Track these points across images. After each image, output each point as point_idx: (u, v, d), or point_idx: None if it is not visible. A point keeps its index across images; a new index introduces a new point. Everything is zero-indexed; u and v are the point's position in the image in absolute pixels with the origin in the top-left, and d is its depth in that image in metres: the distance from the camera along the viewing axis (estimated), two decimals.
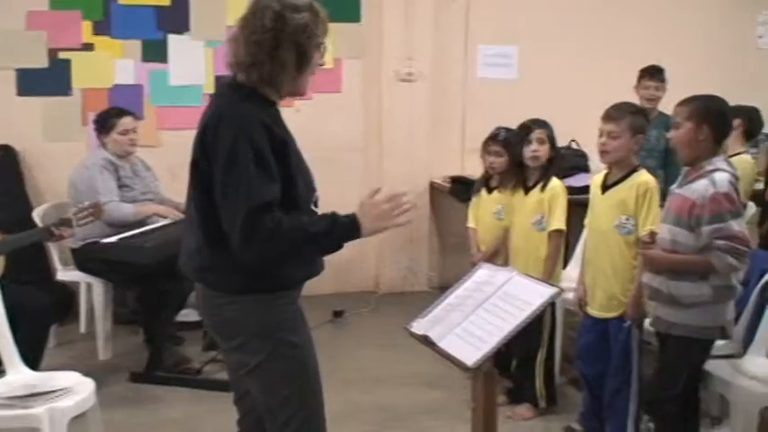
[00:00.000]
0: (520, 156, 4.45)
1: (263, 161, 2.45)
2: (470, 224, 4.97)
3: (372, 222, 2.59)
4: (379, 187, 2.71)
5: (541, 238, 4.40)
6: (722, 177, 3.37)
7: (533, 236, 4.41)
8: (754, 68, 7.24)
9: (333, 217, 2.56)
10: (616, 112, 3.87)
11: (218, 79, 6.29)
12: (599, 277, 3.98)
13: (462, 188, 6.06)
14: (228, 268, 2.56)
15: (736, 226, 3.33)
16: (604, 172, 4.04)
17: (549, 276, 4.30)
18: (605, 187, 3.96)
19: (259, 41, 2.53)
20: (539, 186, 4.42)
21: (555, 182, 4.44)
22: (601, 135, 3.87)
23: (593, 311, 4.04)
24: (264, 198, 2.43)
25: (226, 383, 3.34)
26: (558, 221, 4.34)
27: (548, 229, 4.38)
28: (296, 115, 2.74)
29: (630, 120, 3.84)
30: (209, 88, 6.30)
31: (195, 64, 6.39)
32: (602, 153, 3.89)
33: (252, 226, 2.42)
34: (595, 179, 4.10)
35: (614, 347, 3.97)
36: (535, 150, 4.39)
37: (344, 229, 2.55)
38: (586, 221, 4.14)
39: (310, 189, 2.69)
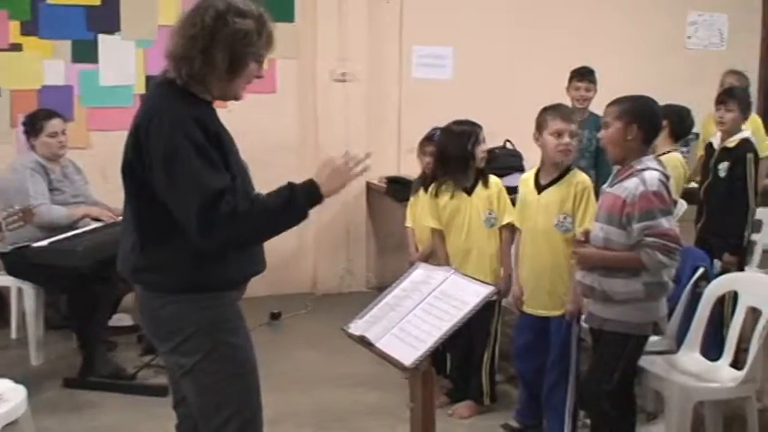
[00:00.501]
0: (471, 157, 4.40)
1: (204, 152, 2.42)
2: (408, 224, 4.98)
3: (330, 181, 2.61)
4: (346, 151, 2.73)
5: (492, 234, 4.41)
6: (652, 176, 3.42)
7: (483, 233, 4.41)
8: (684, 68, 7.39)
9: (289, 186, 2.55)
10: (572, 114, 3.97)
11: (149, 80, 6.20)
12: (540, 276, 4.02)
13: (399, 188, 6.07)
14: (165, 268, 2.52)
15: (667, 223, 3.39)
16: (532, 171, 4.11)
17: (509, 269, 4.33)
18: (540, 187, 4.01)
19: (195, 36, 2.49)
20: (480, 184, 4.42)
21: (493, 177, 4.49)
22: (561, 135, 3.91)
23: (532, 310, 4.08)
24: (215, 186, 2.39)
25: (161, 388, 3.33)
26: (510, 214, 4.36)
27: (499, 224, 4.39)
28: (229, 116, 2.69)
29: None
30: (141, 89, 6.21)
31: (126, 64, 6.29)
32: (566, 152, 3.94)
33: (207, 216, 2.38)
34: (525, 179, 4.15)
35: (554, 345, 4.02)
36: (483, 150, 4.42)
37: (304, 193, 2.55)
38: (517, 221, 4.18)
39: (249, 187, 2.66)
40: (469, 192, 4.42)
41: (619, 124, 3.49)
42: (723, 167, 4.77)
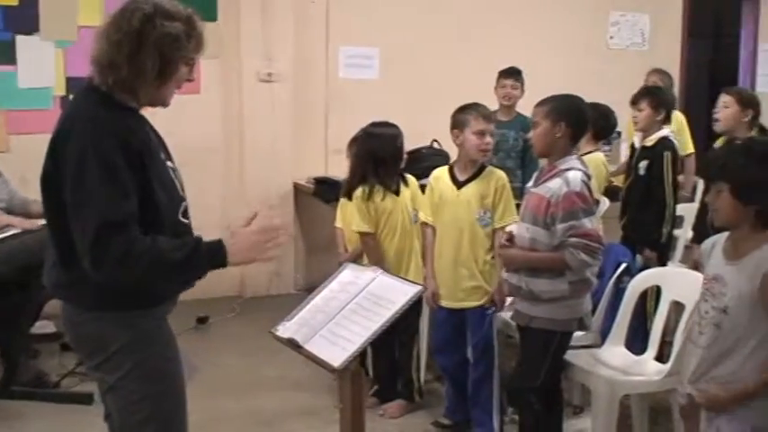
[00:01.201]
0: (401, 157, 4.44)
1: (113, 175, 2.28)
2: (338, 224, 4.97)
3: (241, 253, 2.47)
4: (256, 212, 2.61)
5: (417, 232, 4.43)
6: (575, 176, 3.47)
7: (414, 231, 4.43)
8: (606, 68, 7.52)
9: (196, 244, 2.41)
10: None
11: (69, 82, 6.05)
12: (459, 270, 4.07)
13: (326, 189, 6.05)
14: (86, 284, 2.38)
15: (589, 224, 3.46)
16: (444, 168, 4.17)
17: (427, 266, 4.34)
18: (459, 183, 4.06)
19: (120, 41, 2.35)
20: (402, 184, 4.46)
21: (410, 177, 4.55)
22: (483, 135, 4.00)
23: (450, 303, 4.11)
24: (114, 217, 2.27)
25: (86, 396, 3.25)
26: (425, 214, 4.37)
27: (419, 221, 4.40)
28: (152, 118, 2.63)
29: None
30: (60, 90, 6.06)
31: (45, 66, 6.13)
32: (486, 152, 4.06)
33: (102, 249, 2.26)
34: (438, 176, 4.19)
35: (475, 337, 4.06)
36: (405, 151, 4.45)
37: (208, 257, 2.41)
38: (428, 218, 4.20)
39: (177, 200, 2.52)
40: (397, 192, 4.44)
41: (547, 123, 3.54)
42: (643, 166, 4.87)
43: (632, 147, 5.16)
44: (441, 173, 4.20)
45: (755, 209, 2.59)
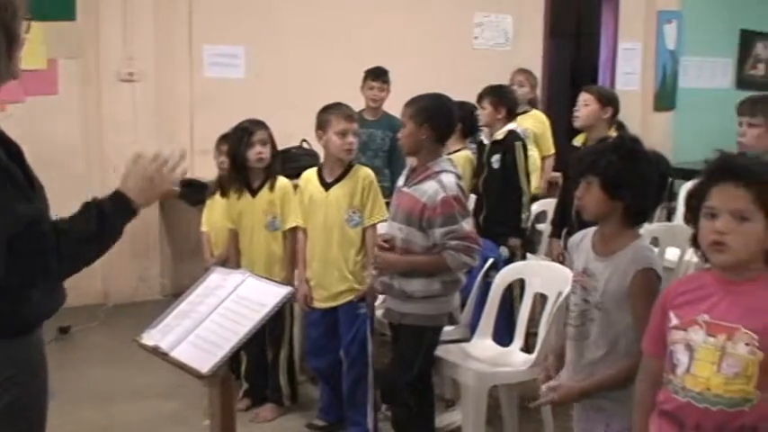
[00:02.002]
0: (243, 158, 4.35)
1: (9, 175, 2.07)
2: (204, 228, 4.88)
3: (142, 190, 2.31)
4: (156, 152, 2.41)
5: (275, 238, 4.38)
6: (450, 180, 3.52)
7: (267, 237, 4.38)
8: (472, 68, 7.63)
9: (96, 205, 2.22)
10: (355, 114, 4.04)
11: None
12: (330, 270, 4.04)
13: (193, 191, 5.91)
14: None
15: (467, 226, 3.51)
16: (314, 170, 4.16)
17: (291, 274, 4.32)
18: (327, 184, 4.04)
19: None
20: (266, 187, 4.38)
21: (282, 180, 4.44)
22: (345, 135, 3.98)
23: (322, 304, 4.10)
24: (27, 215, 2.06)
25: None
26: (294, 219, 4.35)
27: (283, 228, 4.36)
28: (7, 121, 2.46)
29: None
30: None
31: None
32: (350, 151, 4.01)
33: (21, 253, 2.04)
34: (308, 178, 4.18)
35: (349, 338, 4.05)
36: (260, 152, 4.33)
37: (114, 210, 2.24)
38: (299, 221, 4.18)
39: (45, 203, 2.28)
40: (254, 194, 4.38)
41: (412, 124, 3.56)
42: (496, 159, 5.00)
43: (481, 143, 5.27)
44: (310, 175, 4.17)
45: (623, 204, 2.65)
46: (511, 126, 5.09)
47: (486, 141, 5.16)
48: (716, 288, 2.14)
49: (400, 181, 3.76)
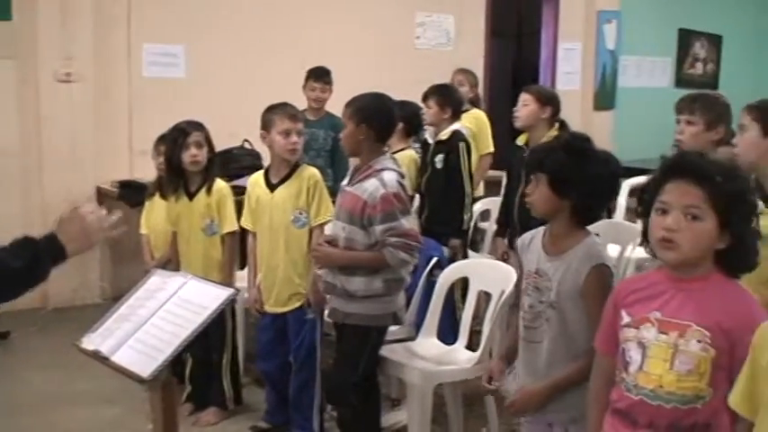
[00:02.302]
0: (178, 160, 4.29)
1: None
2: (143, 230, 4.81)
3: (76, 240, 2.31)
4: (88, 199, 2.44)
5: (212, 243, 4.32)
6: (391, 177, 3.51)
7: (205, 241, 4.32)
8: (414, 68, 7.65)
9: (31, 244, 2.23)
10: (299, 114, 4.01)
11: None
12: (277, 273, 4.01)
13: (132, 192, 5.84)
14: None
15: (407, 223, 3.52)
16: (261, 172, 4.13)
17: (230, 279, 4.28)
18: (272, 185, 4.00)
19: None
20: (203, 190, 4.32)
21: (220, 183, 4.37)
22: (289, 135, 3.94)
23: (272, 308, 4.06)
24: None
25: None
26: (231, 223, 4.30)
27: (221, 232, 4.31)
28: None
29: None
30: None
31: None
32: (294, 151, 3.98)
33: None
34: (254, 181, 4.14)
35: (297, 342, 4.02)
36: (194, 155, 4.26)
37: (47, 254, 2.24)
38: (248, 223, 4.14)
39: None
40: (192, 197, 4.33)
41: (351, 125, 3.56)
42: (439, 159, 5.03)
43: (425, 142, 5.28)
44: (257, 177, 4.14)
45: (571, 203, 2.66)
46: (456, 126, 5.11)
47: (430, 141, 5.17)
48: (667, 286, 2.15)
49: (344, 181, 3.74)
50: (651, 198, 2.15)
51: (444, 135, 5.05)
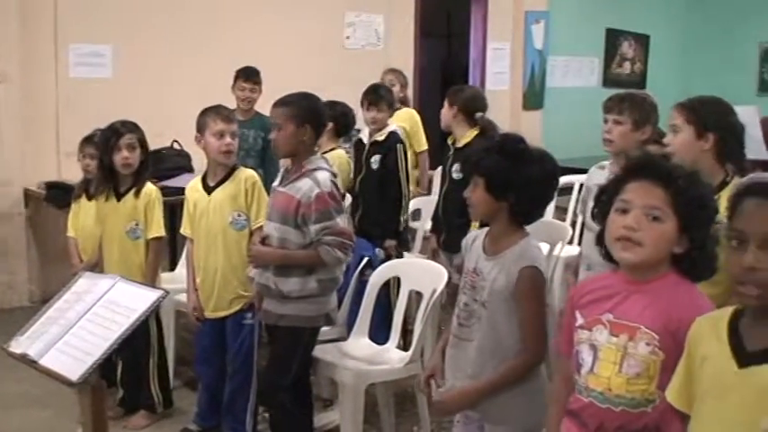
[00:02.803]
0: (110, 160, 4.24)
1: None
2: (70, 233, 4.73)
3: None
4: None
5: (135, 247, 4.27)
6: (324, 177, 3.53)
7: (126, 244, 4.28)
8: (344, 67, 7.68)
9: None
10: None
11: None
12: (218, 278, 3.98)
13: (59, 194, 5.75)
14: None
15: (342, 222, 3.53)
16: (198, 177, 4.09)
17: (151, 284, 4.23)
18: (209, 188, 3.99)
19: None
20: (132, 193, 4.27)
21: (150, 187, 4.32)
22: (223, 136, 3.91)
23: (211, 313, 4.04)
24: None
25: None
26: (158, 229, 4.26)
27: (147, 237, 4.27)
28: None
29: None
30: None
31: None
32: (228, 153, 3.94)
33: None
34: (192, 186, 4.12)
35: (235, 347, 4.01)
36: (126, 157, 4.21)
37: None
38: (188, 230, 4.11)
39: None
40: (119, 198, 4.29)
41: (291, 126, 3.54)
42: (375, 160, 5.04)
43: (359, 144, 5.31)
44: (195, 182, 4.10)
45: (508, 204, 2.68)
46: (392, 127, 5.14)
47: (365, 141, 5.18)
48: (621, 287, 2.13)
49: (276, 182, 3.74)
50: (609, 199, 2.14)
51: (381, 136, 5.07)
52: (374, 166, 5.03)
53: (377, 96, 5.15)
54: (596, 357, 2.11)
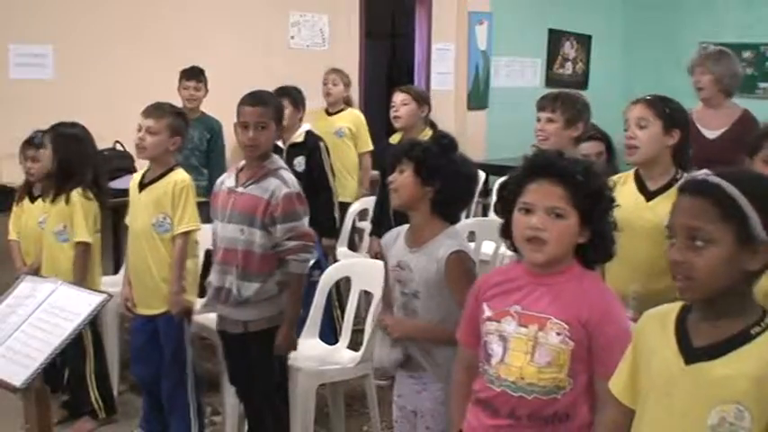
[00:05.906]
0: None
1: None
2: (12, 236, 4.64)
3: None
4: None
5: (62, 249, 4.22)
6: (290, 176, 3.52)
7: (54, 245, 4.23)
8: (289, 67, 7.60)
9: None
10: (156, 111, 3.86)
11: None
12: (143, 277, 3.93)
13: (0, 197, 5.63)
14: None
15: (307, 224, 3.51)
16: (143, 171, 4.02)
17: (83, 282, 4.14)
18: (142, 185, 3.93)
19: None
20: (63, 196, 4.21)
21: (73, 192, 4.23)
22: (140, 129, 3.83)
23: (142, 311, 3.99)
24: None
25: None
26: (81, 233, 4.18)
27: (73, 239, 4.20)
28: None
29: (170, 120, 3.85)
30: None
31: None
32: (141, 149, 3.89)
33: None
34: (134, 178, 4.06)
35: (166, 345, 3.95)
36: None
37: None
38: (128, 221, 4.06)
39: None
40: (54, 199, 4.24)
41: (273, 125, 3.51)
42: (299, 162, 4.92)
43: (275, 148, 5.21)
44: (137, 176, 4.05)
45: (432, 192, 2.76)
46: (306, 126, 5.09)
47: (281, 145, 4.93)
48: (527, 279, 2.21)
49: (227, 182, 3.61)
50: (512, 196, 2.21)
51: (299, 137, 4.99)
52: (299, 169, 4.85)
53: (284, 95, 4.97)
54: (506, 348, 2.17)
